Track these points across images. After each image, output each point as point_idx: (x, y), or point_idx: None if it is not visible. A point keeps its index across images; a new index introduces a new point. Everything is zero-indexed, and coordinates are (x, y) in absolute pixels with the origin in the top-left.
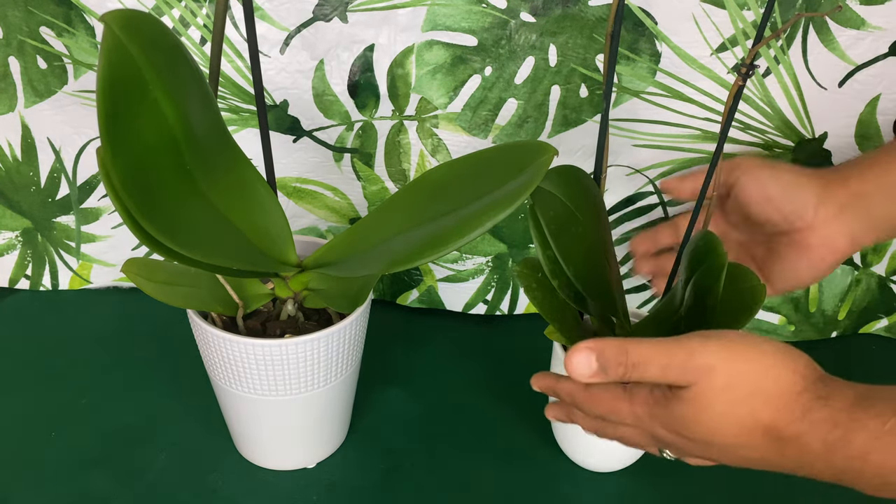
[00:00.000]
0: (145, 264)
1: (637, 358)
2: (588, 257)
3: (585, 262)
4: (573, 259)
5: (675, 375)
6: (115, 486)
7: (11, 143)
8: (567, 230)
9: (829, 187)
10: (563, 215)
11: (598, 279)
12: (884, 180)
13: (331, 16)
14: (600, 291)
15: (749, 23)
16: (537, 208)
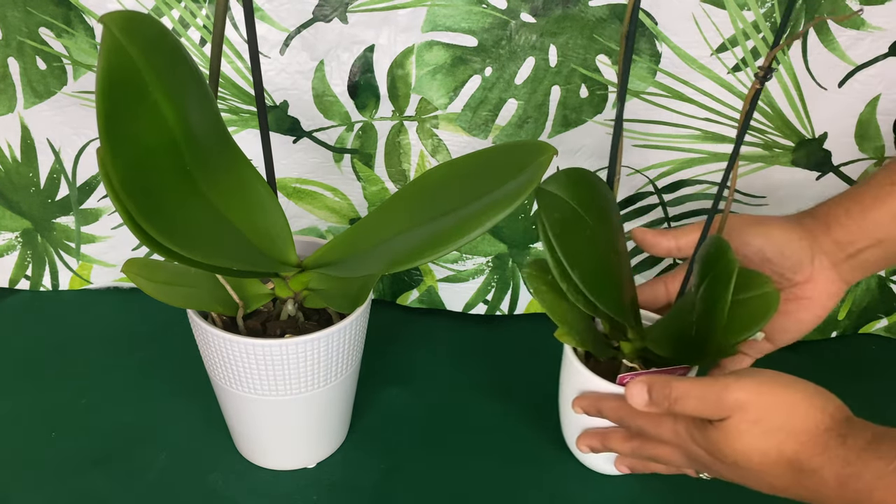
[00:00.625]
0: (145, 265)
1: (679, 392)
2: (596, 261)
3: (594, 266)
4: (579, 262)
5: (712, 408)
6: (116, 486)
7: (11, 144)
8: (573, 233)
9: (818, 240)
10: (570, 218)
11: (608, 283)
12: (865, 225)
13: (331, 16)
14: (609, 296)
15: (749, 23)
16: (542, 210)
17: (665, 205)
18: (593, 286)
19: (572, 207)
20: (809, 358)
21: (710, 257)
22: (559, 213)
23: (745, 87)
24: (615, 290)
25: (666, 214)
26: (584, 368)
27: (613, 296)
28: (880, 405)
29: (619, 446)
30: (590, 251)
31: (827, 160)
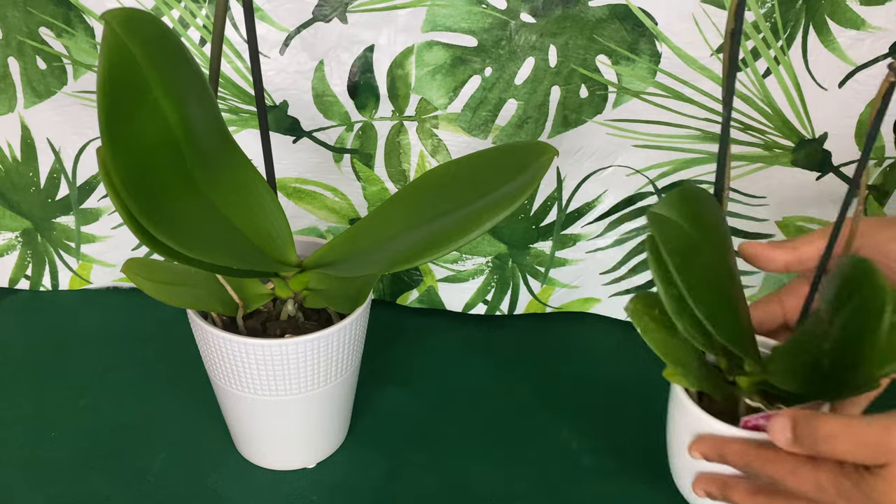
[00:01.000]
0: (145, 264)
1: (827, 431)
2: (717, 291)
3: (714, 297)
4: (702, 295)
5: (869, 453)
6: (115, 487)
7: (11, 144)
8: (692, 261)
9: None
10: (688, 245)
11: (728, 313)
12: None
13: (330, 16)
14: (730, 327)
15: (749, 23)
16: (659, 239)
17: None
18: (716, 320)
19: (688, 233)
20: None
21: (850, 280)
22: (677, 242)
23: (746, 88)
24: (735, 319)
25: None
26: (701, 412)
27: (734, 326)
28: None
29: (742, 499)
30: (710, 280)
31: (827, 160)
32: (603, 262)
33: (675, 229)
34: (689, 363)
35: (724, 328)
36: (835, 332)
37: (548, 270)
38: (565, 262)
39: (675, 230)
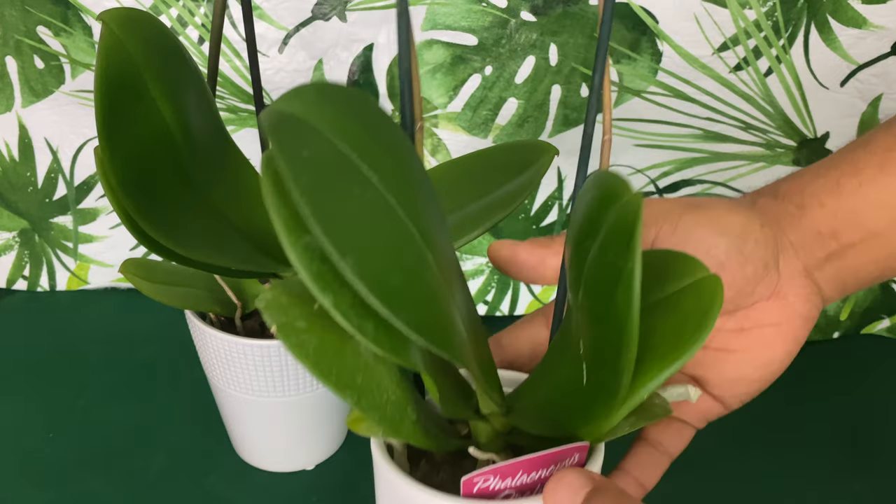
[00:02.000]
0: (143, 265)
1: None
2: (392, 244)
3: (387, 251)
4: (357, 240)
5: None
6: (113, 488)
7: (8, 144)
8: (341, 189)
9: (784, 229)
10: (334, 162)
11: (417, 289)
12: (860, 207)
13: (329, 15)
14: (424, 311)
15: (750, 22)
16: (277, 146)
17: None
18: (391, 289)
19: (337, 148)
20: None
21: (588, 215)
22: (311, 151)
23: (747, 87)
24: (431, 305)
25: None
26: (401, 476)
27: (432, 314)
28: (882, 406)
29: None
30: (378, 226)
31: None
32: None
33: (312, 141)
34: (381, 394)
35: (410, 307)
36: (585, 319)
37: None
38: None
39: (314, 142)
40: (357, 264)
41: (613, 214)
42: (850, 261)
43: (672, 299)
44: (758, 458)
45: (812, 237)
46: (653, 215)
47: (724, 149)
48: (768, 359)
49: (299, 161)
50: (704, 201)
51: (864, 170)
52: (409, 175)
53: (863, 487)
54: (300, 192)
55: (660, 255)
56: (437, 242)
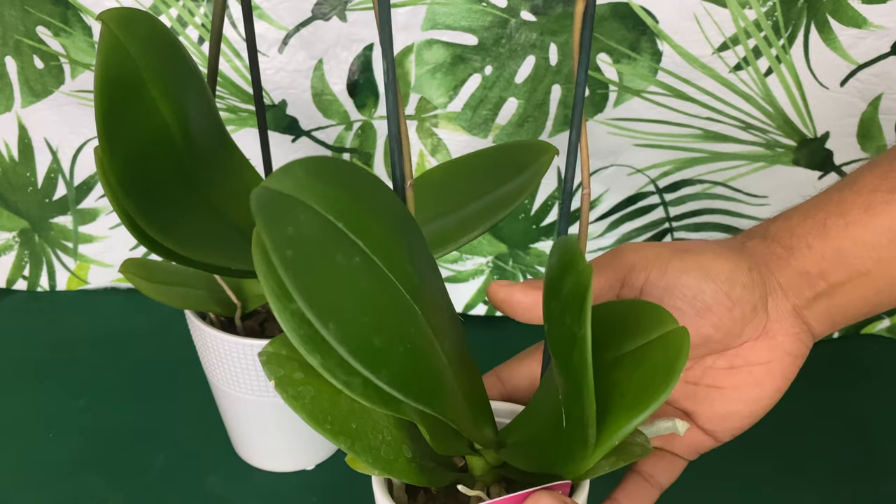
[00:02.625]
0: (143, 265)
1: None
2: (377, 307)
3: (371, 316)
4: (338, 308)
5: None
6: (113, 488)
7: (8, 144)
8: (325, 262)
9: (773, 272)
10: (318, 234)
11: (404, 350)
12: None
13: (329, 15)
14: (415, 376)
15: (750, 21)
16: (262, 226)
17: (666, 204)
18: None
19: (324, 220)
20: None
21: (552, 278)
22: (295, 228)
23: (747, 87)
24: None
25: (667, 214)
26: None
27: (414, 370)
28: (881, 406)
29: None
30: (361, 290)
31: (829, 160)
32: None
33: (299, 214)
34: (375, 434)
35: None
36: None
37: None
38: None
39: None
40: (339, 330)
41: (570, 282)
42: (839, 299)
43: (641, 351)
44: (757, 457)
45: (800, 278)
46: (644, 260)
47: (723, 149)
48: (757, 395)
49: (283, 238)
50: (694, 246)
51: (851, 210)
52: (396, 233)
53: (863, 487)
54: (283, 267)
55: (633, 306)
56: (426, 291)
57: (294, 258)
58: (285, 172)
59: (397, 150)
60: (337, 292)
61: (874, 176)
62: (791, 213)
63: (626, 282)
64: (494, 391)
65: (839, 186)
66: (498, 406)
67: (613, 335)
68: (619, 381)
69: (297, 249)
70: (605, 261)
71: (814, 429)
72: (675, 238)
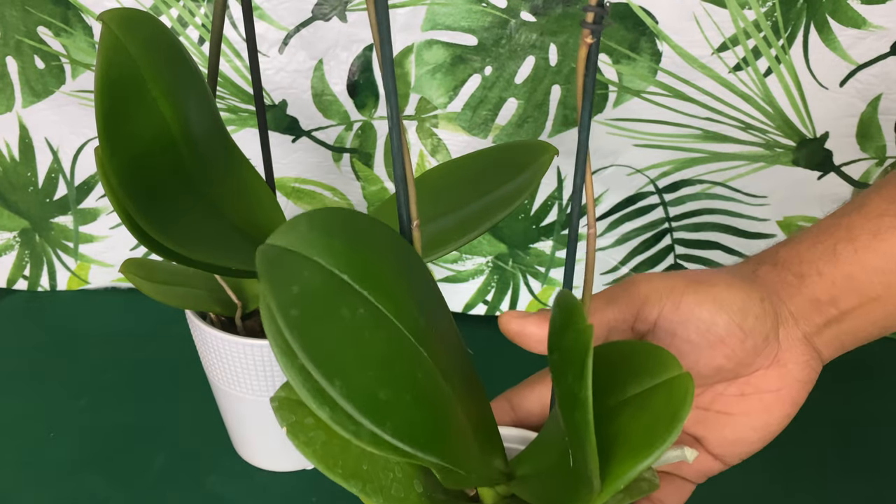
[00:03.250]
0: (143, 264)
1: None
2: (382, 361)
3: (378, 369)
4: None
5: None
6: (114, 487)
7: (9, 144)
8: (330, 316)
9: (784, 300)
10: (322, 290)
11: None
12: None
13: (330, 15)
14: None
15: (750, 22)
16: (268, 286)
17: (666, 205)
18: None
19: (327, 271)
20: None
21: (554, 331)
22: (300, 285)
23: (747, 87)
24: (420, 410)
25: (667, 214)
26: None
27: (421, 420)
28: (881, 406)
29: None
30: (366, 343)
31: (828, 160)
32: (604, 262)
33: (303, 269)
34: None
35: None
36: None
37: (548, 270)
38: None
39: (304, 270)
40: (344, 386)
41: (570, 339)
42: (849, 325)
43: (645, 396)
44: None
45: (811, 306)
46: (657, 293)
47: (723, 149)
48: (767, 422)
49: (288, 298)
50: (706, 277)
51: (860, 236)
52: (402, 277)
53: (862, 488)
54: (288, 328)
55: (636, 348)
56: (433, 331)
57: (299, 318)
58: (290, 228)
59: (403, 193)
60: (342, 348)
61: (882, 200)
62: (800, 239)
63: (640, 315)
64: (506, 417)
65: (847, 210)
66: (509, 433)
67: (617, 378)
68: (623, 426)
69: (301, 308)
70: (618, 292)
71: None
72: (675, 238)
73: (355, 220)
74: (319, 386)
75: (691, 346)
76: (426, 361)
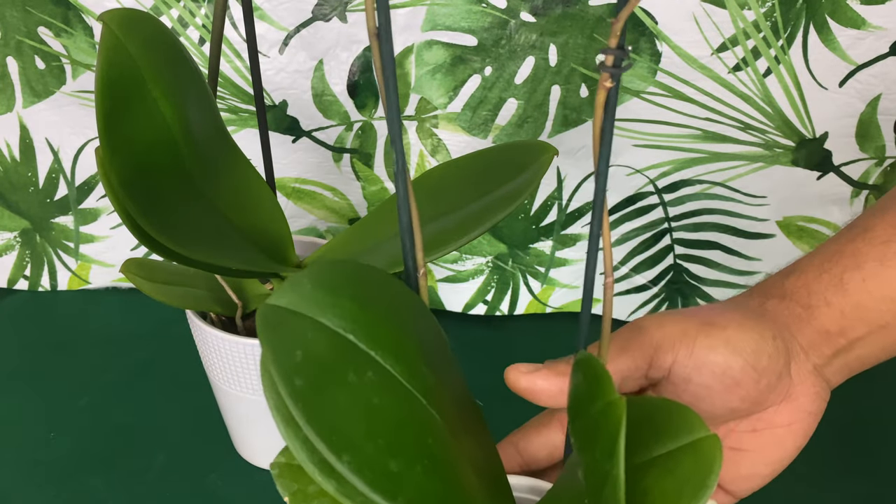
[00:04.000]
0: (144, 264)
1: None
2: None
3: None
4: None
5: None
6: (114, 487)
7: (10, 144)
8: (336, 382)
9: (794, 334)
10: (328, 354)
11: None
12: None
13: (330, 15)
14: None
15: (749, 22)
16: (269, 351)
17: (665, 205)
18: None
19: (334, 334)
20: None
21: (577, 396)
22: (303, 349)
23: (746, 87)
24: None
25: (666, 214)
26: None
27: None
28: (881, 406)
29: None
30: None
31: (828, 160)
32: None
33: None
34: None
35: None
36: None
37: (548, 270)
38: (565, 262)
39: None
40: (353, 461)
41: (599, 410)
42: (857, 352)
43: (672, 457)
44: None
45: (821, 337)
46: (669, 340)
47: (723, 149)
48: (780, 456)
49: (291, 365)
50: (717, 317)
51: (866, 263)
52: (410, 332)
53: (862, 488)
54: (293, 399)
55: (660, 406)
56: (442, 389)
57: (303, 387)
58: (293, 286)
59: (409, 241)
60: (350, 419)
61: (887, 225)
62: (805, 268)
63: (654, 363)
64: (513, 463)
65: (851, 237)
66: (518, 482)
67: (640, 436)
68: (649, 489)
69: (306, 377)
70: (628, 339)
71: None
72: (675, 238)
73: (361, 275)
74: (325, 457)
75: (707, 391)
76: (436, 422)
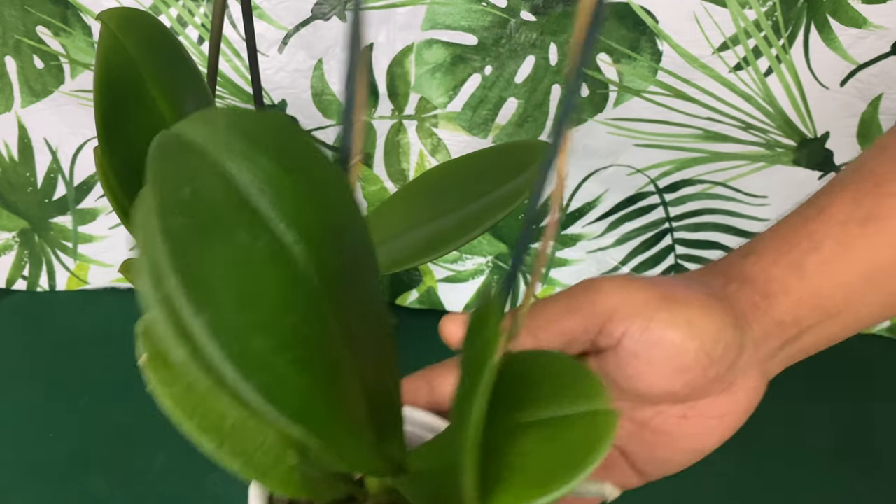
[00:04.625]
0: None
1: None
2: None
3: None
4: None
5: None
6: (114, 487)
7: (8, 144)
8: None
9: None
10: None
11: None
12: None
13: (329, 14)
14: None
15: (750, 21)
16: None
17: (666, 204)
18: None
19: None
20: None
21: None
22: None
23: (747, 87)
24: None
25: (667, 214)
26: None
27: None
28: (881, 406)
29: None
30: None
31: (829, 160)
32: (604, 262)
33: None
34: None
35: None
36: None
37: (548, 270)
38: (566, 262)
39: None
40: (212, 321)
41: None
42: (804, 342)
43: (560, 423)
44: (755, 457)
45: (774, 328)
46: (627, 308)
47: (724, 149)
48: (702, 447)
49: (175, 200)
50: (681, 292)
51: (824, 244)
52: (328, 218)
53: (861, 488)
54: (164, 236)
55: (565, 366)
56: (350, 286)
57: (181, 227)
58: (205, 121)
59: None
60: (223, 277)
61: (843, 204)
62: (762, 251)
63: (604, 330)
64: (421, 398)
65: (809, 215)
66: (415, 415)
67: (533, 394)
68: (524, 452)
69: (189, 216)
70: (581, 300)
71: (813, 428)
72: (675, 238)
73: (290, 136)
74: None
75: (650, 370)
76: (328, 320)
